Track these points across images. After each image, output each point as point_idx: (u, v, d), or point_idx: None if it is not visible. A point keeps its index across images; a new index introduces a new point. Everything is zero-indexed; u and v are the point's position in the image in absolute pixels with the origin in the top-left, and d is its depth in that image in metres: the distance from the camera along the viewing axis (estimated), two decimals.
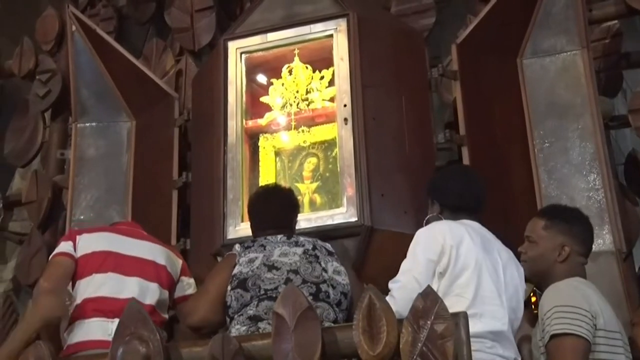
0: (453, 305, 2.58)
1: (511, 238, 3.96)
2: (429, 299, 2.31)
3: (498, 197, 4.09)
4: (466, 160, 4.09)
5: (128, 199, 4.74)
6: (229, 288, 3.24)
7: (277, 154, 4.39)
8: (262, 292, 3.17)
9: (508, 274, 3.02)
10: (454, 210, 3.18)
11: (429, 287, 2.38)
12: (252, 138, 4.38)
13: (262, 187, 3.85)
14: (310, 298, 3.05)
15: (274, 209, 3.53)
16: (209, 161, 4.24)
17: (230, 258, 3.36)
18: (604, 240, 3.96)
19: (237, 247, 3.38)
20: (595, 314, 2.73)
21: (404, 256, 3.21)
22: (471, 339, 2.37)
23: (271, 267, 3.23)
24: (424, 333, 2.26)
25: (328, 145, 4.27)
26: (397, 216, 3.55)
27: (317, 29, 4.24)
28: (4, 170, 5.96)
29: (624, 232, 3.98)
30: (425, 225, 3.12)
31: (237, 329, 3.15)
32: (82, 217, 4.73)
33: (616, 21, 4.81)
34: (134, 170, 4.80)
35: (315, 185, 4.21)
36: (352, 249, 3.76)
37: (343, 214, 3.80)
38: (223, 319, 3.26)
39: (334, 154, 4.18)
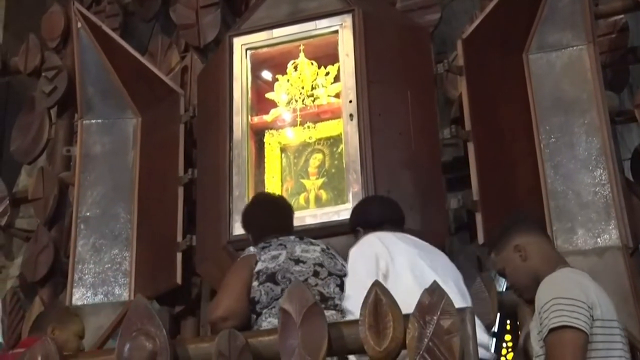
0: (405, 300, 2.61)
1: None
2: (435, 295, 2.31)
3: (504, 193, 4.10)
4: (472, 156, 4.09)
5: (134, 195, 4.75)
6: (256, 284, 3.22)
7: (283, 150, 4.39)
8: None
9: (440, 265, 3.13)
10: (375, 227, 3.26)
11: (435, 283, 2.38)
12: (258, 134, 4.38)
13: (256, 198, 3.86)
14: (337, 289, 3.16)
15: (279, 215, 3.57)
16: (215, 158, 4.24)
17: (249, 258, 3.34)
18: (610, 235, 3.96)
19: (251, 249, 3.37)
20: (593, 305, 2.71)
21: None
22: None
23: (297, 261, 3.26)
24: (430, 328, 2.26)
25: (334, 141, 4.27)
26: (403, 212, 3.55)
27: (323, 25, 4.24)
28: (10, 167, 5.97)
29: (631, 228, 3.97)
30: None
31: (269, 322, 3.13)
32: (88, 214, 4.74)
33: (622, 16, 4.80)
34: (139, 166, 4.81)
35: (320, 181, 4.21)
36: None
37: (349, 210, 3.79)
38: (248, 312, 3.21)
39: (339, 150, 4.18)
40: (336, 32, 4.20)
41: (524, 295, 3.03)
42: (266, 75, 4.50)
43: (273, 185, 4.26)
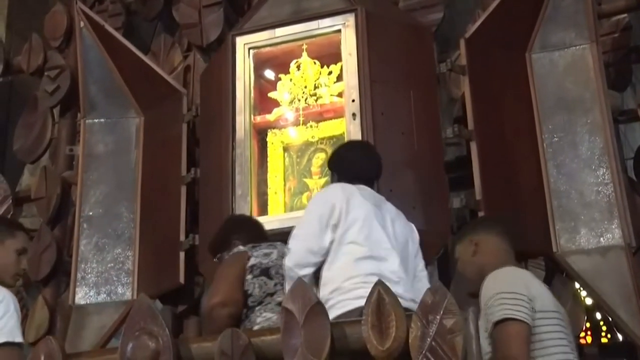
0: (351, 251, 3.00)
1: (521, 232, 3.98)
2: (438, 294, 2.31)
3: (507, 192, 4.09)
4: (475, 155, 4.09)
5: (137, 194, 4.75)
6: (249, 277, 3.23)
7: (286, 149, 4.39)
8: None
9: (397, 226, 3.21)
10: (350, 180, 3.30)
11: (438, 283, 2.39)
12: (261, 134, 4.38)
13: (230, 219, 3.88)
14: None
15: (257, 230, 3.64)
16: (218, 157, 4.25)
17: (241, 254, 3.35)
18: (613, 234, 3.96)
19: (241, 247, 3.39)
20: (533, 297, 2.82)
21: None
22: (369, 277, 2.69)
23: None
24: (433, 328, 2.27)
25: (336, 140, 4.26)
26: (406, 211, 3.54)
27: (325, 24, 4.24)
28: (13, 167, 5.98)
29: (634, 227, 3.97)
30: None
31: (264, 316, 3.14)
32: (91, 213, 4.74)
33: (625, 15, 4.79)
34: (142, 166, 4.81)
35: (323, 180, 4.21)
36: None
37: None
38: (243, 302, 3.21)
39: None
40: (339, 31, 4.20)
41: (469, 286, 3.17)
42: (269, 74, 4.50)
43: (276, 184, 4.26)
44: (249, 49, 4.34)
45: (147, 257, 4.59)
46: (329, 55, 4.33)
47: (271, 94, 4.41)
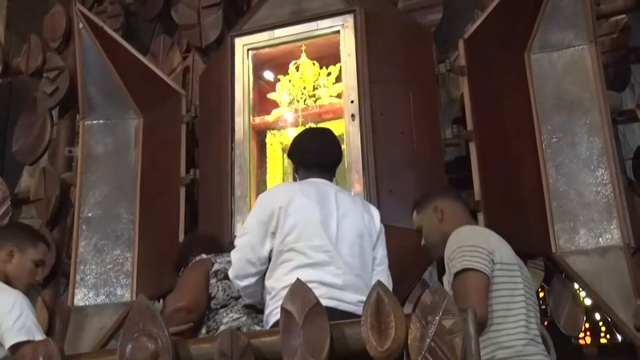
0: (290, 258, 2.93)
1: (520, 233, 3.98)
2: (437, 295, 2.31)
3: (506, 193, 4.10)
4: (474, 156, 4.09)
5: (136, 195, 4.75)
6: (214, 280, 3.26)
7: (285, 150, 4.39)
8: None
9: (347, 221, 3.07)
10: (306, 168, 3.25)
11: (437, 284, 2.38)
12: (260, 135, 4.38)
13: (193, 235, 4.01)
14: None
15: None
16: (217, 158, 4.25)
17: (204, 261, 3.39)
18: (612, 235, 3.97)
19: (203, 255, 3.43)
20: (492, 250, 2.91)
21: (412, 252, 3.23)
22: (312, 284, 2.57)
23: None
24: (432, 328, 2.26)
25: None
26: (405, 212, 3.54)
27: (324, 25, 4.24)
28: (12, 168, 5.98)
29: (632, 227, 3.98)
30: None
31: (231, 316, 3.14)
32: (90, 215, 4.74)
33: (624, 15, 4.80)
34: (141, 167, 4.81)
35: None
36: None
37: None
38: (206, 307, 3.24)
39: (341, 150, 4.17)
40: (338, 32, 4.20)
41: (432, 252, 3.26)
42: (268, 75, 4.50)
43: (275, 185, 4.26)
44: (248, 50, 4.34)
45: (147, 258, 4.59)
46: (328, 56, 4.33)
47: (270, 95, 4.41)
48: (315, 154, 3.25)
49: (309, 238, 2.96)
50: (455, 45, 4.44)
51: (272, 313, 2.93)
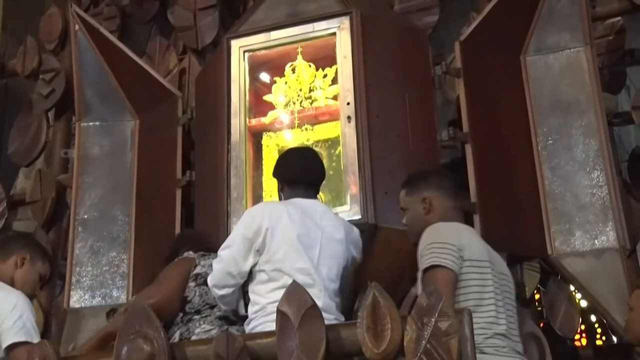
0: (276, 277, 3.07)
1: (516, 235, 3.98)
2: (433, 297, 2.32)
3: (502, 195, 4.10)
4: (470, 158, 4.09)
5: (132, 197, 4.75)
6: (192, 284, 3.31)
7: (281, 152, 4.39)
8: None
9: (329, 248, 3.22)
10: (291, 186, 3.39)
11: (433, 286, 2.38)
12: (256, 136, 4.38)
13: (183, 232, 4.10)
14: None
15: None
16: (213, 160, 4.24)
17: (188, 260, 3.44)
18: (607, 237, 3.97)
19: (191, 253, 3.48)
20: (462, 247, 3.00)
21: (408, 253, 3.23)
22: None
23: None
24: (428, 330, 2.27)
25: (331, 143, 4.26)
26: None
27: (321, 27, 4.24)
28: (8, 170, 5.97)
29: (628, 229, 3.99)
30: None
31: (203, 328, 3.20)
32: (86, 216, 4.74)
33: (620, 18, 4.81)
34: (137, 169, 4.81)
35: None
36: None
37: (347, 212, 3.80)
38: (178, 309, 3.29)
39: (337, 152, 4.18)
40: (334, 34, 4.20)
41: (411, 237, 3.32)
42: (264, 77, 4.50)
43: (271, 187, 4.26)
44: (244, 51, 4.34)
45: (143, 260, 4.58)
46: (324, 58, 4.33)
47: (266, 97, 4.41)
48: (299, 171, 3.40)
49: (294, 260, 3.11)
50: (452, 48, 4.44)
51: (257, 328, 3.04)
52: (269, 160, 4.34)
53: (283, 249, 3.12)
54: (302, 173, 3.40)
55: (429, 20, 4.80)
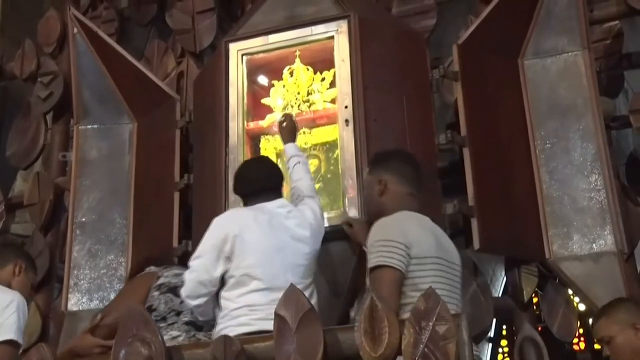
0: (246, 282, 3.12)
1: (514, 238, 3.98)
2: (430, 300, 2.32)
3: (500, 198, 4.10)
4: (468, 161, 4.09)
5: (130, 200, 4.74)
6: (156, 293, 3.38)
7: (279, 155, 4.38)
8: None
9: (296, 247, 3.29)
10: (253, 197, 3.46)
11: (430, 289, 2.38)
12: (254, 139, 4.38)
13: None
14: None
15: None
16: (211, 163, 4.24)
17: (150, 274, 3.52)
18: (605, 240, 3.97)
19: (153, 267, 3.57)
20: (410, 245, 2.99)
21: None
22: (257, 307, 2.93)
23: None
24: (426, 334, 2.27)
25: (329, 146, 4.26)
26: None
27: (319, 31, 4.24)
28: (6, 172, 5.97)
29: (626, 233, 3.99)
30: None
31: (171, 334, 3.25)
32: (84, 219, 4.74)
33: (617, 21, 4.81)
34: (135, 172, 4.81)
35: (316, 186, 4.21)
36: (354, 250, 3.77)
37: (345, 216, 3.80)
38: None
39: (335, 155, 4.18)
40: (332, 37, 4.20)
41: (367, 216, 3.38)
42: (262, 80, 4.50)
43: None
44: (242, 55, 4.34)
45: (140, 263, 4.57)
46: (322, 62, 4.33)
47: (264, 100, 4.41)
48: (255, 184, 3.48)
49: (263, 264, 3.16)
50: (449, 51, 4.44)
51: (222, 331, 3.04)
52: None
53: (252, 253, 3.18)
54: (257, 185, 3.47)
55: (427, 23, 4.81)
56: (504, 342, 7.18)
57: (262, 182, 3.47)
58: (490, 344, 6.88)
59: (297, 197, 3.65)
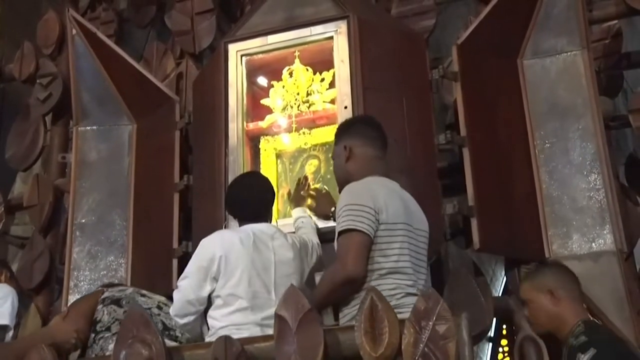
0: (230, 302, 3.18)
1: (513, 238, 3.98)
2: (430, 300, 2.32)
3: (500, 198, 4.10)
4: (467, 162, 4.09)
5: (130, 202, 4.74)
6: (100, 306, 3.46)
7: (278, 156, 4.40)
8: None
9: (283, 269, 3.32)
10: (241, 218, 3.51)
11: (431, 289, 2.38)
12: (253, 140, 4.38)
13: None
14: None
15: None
16: (210, 164, 4.24)
17: (95, 292, 3.66)
18: (605, 240, 3.97)
19: (99, 287, 3.73)
20: (379, 210, 3.02)
21: None
22: (242, 327, 2.97)
23: (143, 295, 3.57)
24: (426, 334, 2.27)
25: (329, 147, 4.25)
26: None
27: (318, 31, 4.25)
28: (5, 174, 5.97)
29: (625, 232, 3.99)
30: None
31: (100, 346, 3.32)
32: (83, 221, 4.73)
33: (616, 21, 4.81)
34: (135, 173, 4.80)
35: (316, 186, 4.21)
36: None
37: None
38: (91, 329, 3.44)
39: None
40: (331, 38, 4.20)
41: (339, 186, 3.37)
42: (261, 81, 4.50)
43: None
44: (242, 56, 4.35)
45: (140, 264, 4.58)
46: (321, 62, 4.33)
47: (264, 101, 4.41)
48: (240, 206, 3.52)
49: (248, 284, 3.21)
50: (449, 51, 4.45)
51: None
52: (267, 164, 4.35)
53: (237, 274, 3.23)
54: (247, 208, 3.49)
55: (426, 24, 4.80)
56: (504, 342, 7.18)
57: (251, 205, 3.50)
58: (491, 344, 6.89)
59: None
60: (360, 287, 2.89)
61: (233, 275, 3.22)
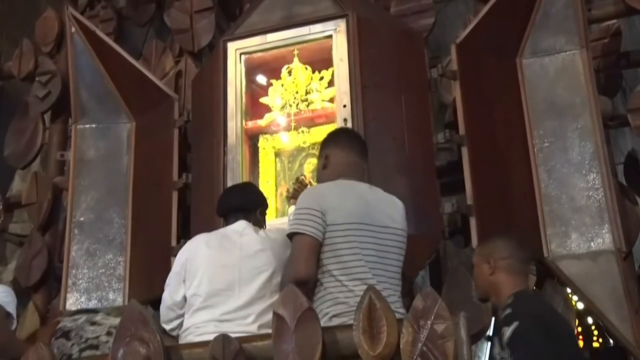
0: (192, 303, 3.21)
1: (512, 236, 3.98)
2: (429, 299, 2.32)
3: (498, 197, 4.10)
4: (466, 160, 4.09)
5: (128, 200, 4.75)
6: (53, 339, 3.45)
7: (277, 154, 4.40)
8: (83, 340, 3.41)
9: (247, 267, 3.27)
10: (223, 217, 3.52)
11: (429, 288, 2.38)
12: (252, 139, 4.38)
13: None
14: None
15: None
16: (209, 162, 4.24)
17: (54, 322, 3.68)
18: (603, 239, 3.97)
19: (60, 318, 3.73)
20: (325, 211, 3.04)
21: (404, 256, 3.23)
22: (198, 326, 3.01)
23: (93, 323, 3.52)
24: (424, 333, 2.27)
25: None
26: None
27: (317, 30, 4.24)
28: (4, 172, 5.97)
29: (624, 231, 3.99)
30: None
31: None
32: (82, 219, 4.74)
33: (615, 20, 4.81)
34: (134, 171, 4.81)
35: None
36: None
37: None
38: None
39: None
40: (330, 36, 4.20)
41: None
42: (260, 79, 4.50)
43: (267, 189, 4.26)
44: (241, 54, 4.34)
45: (139, 262, 4.58)
46: (320, 61, 4.33)
47: (263, 100, 4.41)
48: (220, 206, 3.53)
49: (209, 283, 3.22)
50: (448, 50, 4.45)
51: None
52: (266, 162, 4.35)
53: (199, 274, 3.25)
54: (226, 207, 3.51)
55: (425, 22, 4.80)
56: None
57: (230, 205, 3.51)
58: (489, 343, 6.89)
59: None
60: (314, 287, 2.99)
61: (195, 277, 3.26)
